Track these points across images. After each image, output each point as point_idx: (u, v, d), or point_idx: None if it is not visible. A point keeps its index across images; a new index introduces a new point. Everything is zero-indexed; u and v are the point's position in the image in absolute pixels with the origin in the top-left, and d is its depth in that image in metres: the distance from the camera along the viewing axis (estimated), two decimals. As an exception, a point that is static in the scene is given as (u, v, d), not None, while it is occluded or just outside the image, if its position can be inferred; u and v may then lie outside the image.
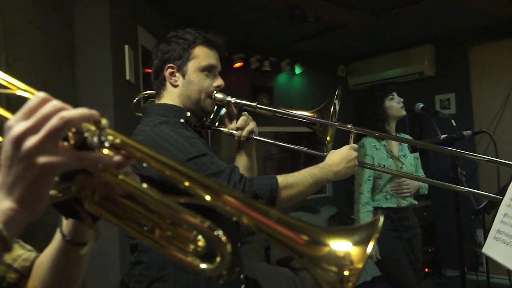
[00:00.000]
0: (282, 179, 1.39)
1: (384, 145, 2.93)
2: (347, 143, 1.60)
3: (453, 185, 1.65)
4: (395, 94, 2.94)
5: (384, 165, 2.84)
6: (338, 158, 1.53)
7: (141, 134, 1.42)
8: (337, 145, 1.64)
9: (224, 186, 0.56)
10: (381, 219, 0.52)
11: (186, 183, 0.54)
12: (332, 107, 1.61)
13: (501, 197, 1.35)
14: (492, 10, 4.35)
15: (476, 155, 1.64)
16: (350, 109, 5.16)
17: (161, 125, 1.42)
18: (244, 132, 1.60)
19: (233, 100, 1.60)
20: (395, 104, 2.91)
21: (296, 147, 1.66)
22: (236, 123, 1.60)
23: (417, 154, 3.03)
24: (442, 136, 1.90)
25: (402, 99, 2.91)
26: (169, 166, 0.56)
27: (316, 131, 1.67)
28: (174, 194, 0.55)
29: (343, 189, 5.52)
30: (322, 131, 1.65)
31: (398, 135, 3.00)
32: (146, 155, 0.56)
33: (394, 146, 2.96)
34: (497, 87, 5.07)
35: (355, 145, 1.58)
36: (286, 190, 1.37)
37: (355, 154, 1.54)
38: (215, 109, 1.61)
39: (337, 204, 5.67)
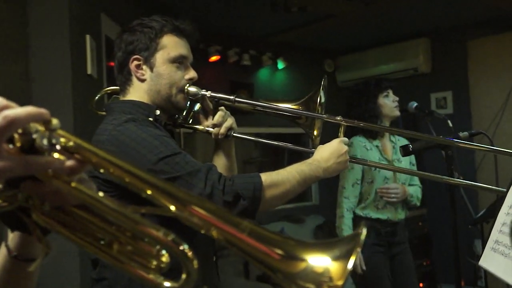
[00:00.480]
0: (266, 177, 1.38)
1: (377, 146, 2.94)
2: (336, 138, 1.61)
3: (449, 178, 1.68)
4: (390, 91, 2.96)
5: (374, 168, 2.85)
6: (327, 153, 1.52)
7: (104, 134, 1.39)
8: (325, 141, 1.64)
9: (192, 196, 0.55)
10: (364, 231, 0.53)
11: (149, 192, 0.54)
12: (318, 98, 1.60)
13: (505, 190, 1.35)
14: (496, 2, 4.39)
15: (469, 144, 1.64)
16: (339, 107, 5.29)
17: (127, 123, 1.39)
18: (222, 129, 1.57)
19: (208, 93, 1.58)
20: (389, 103, 2.93)
21: (280, 143, 1.64)
22: (212, 119, 1.58)
23: (413, 159, 3.04)
24: (441, 137, 1.91)
25: (397, 98, 2.94)
26: (129, 172, 0.55)
27: (301, 126, 1.66)
28: (149, 204, 0.55)
29: (330, 196, 5.47)
30: (309, 125, 1.65)
31: (391, 137, 3.01)
32: (103, 159, 0.55)
33: (388, 148, 2.98)
34: (498, 84, 5.10)
35: (346, 139, 1.57)
36: (271, 189, 1.36)
37: (346, 148, 1.54)
38: (188, 104, 1.58)
39: (324, 213, 5.69)
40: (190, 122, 1.60)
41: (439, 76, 5.57)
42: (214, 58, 5.06)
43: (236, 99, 1.60)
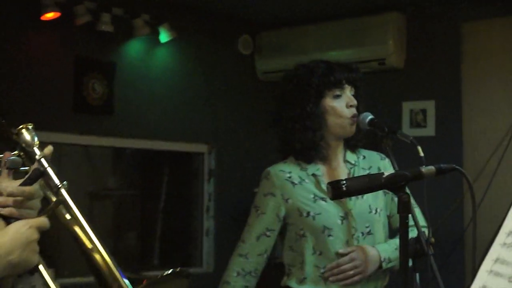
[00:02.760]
0: None
1: (314, 175, 3.06)
2: None
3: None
4: (347, 89, 3.05)
5: (309, 214, 2.96)
6: (7, 238, 1.65)
7: None
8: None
9: None
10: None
11: None
12: None
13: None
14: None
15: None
16: (259, 112, 5.13)
17: None
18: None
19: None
20: (341, 109, 3.02)
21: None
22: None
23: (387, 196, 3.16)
24: (386, 174, 2.00)
25: (355, 103, 3.04)
26: None
27: None
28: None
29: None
30: None
31: (348, 155, 3.15)
32: None
33: (340, 175, 3.09)
34: (507, 92, 5.24)
35: (44, 222, 1.72)
36: None
37: (37, 236, 1.68)
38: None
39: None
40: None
41: (417, 75, 5.65)
42: (50, 16, 4.97)
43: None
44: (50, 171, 1.80)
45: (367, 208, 3.02)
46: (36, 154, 1.81)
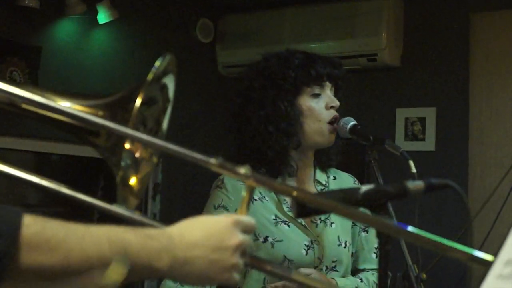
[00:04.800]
0: (35, 225, 1.49)
1: (277, 194, 3.14)
2: None
3: None
4: (327, 86, 3.12)
5: (266, 239, 3.04)
6: (198, 233, 1.63)
7: None
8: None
9: None
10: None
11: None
12: (138, 102, 1.72)
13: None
14: None
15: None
16: (219, 111, 5.07)
17: None
18: None
19: None
20: (319, 111, 3.09)
21: (77, 195, 1.75)
22: None
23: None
24: (364, 189, 2.03)
25: (338, 104, 3.10)
26: None
27: (99, 150, 1.82)
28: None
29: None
30: (111, 150, 1.79)
31: (318, 174, 3.24)
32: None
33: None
34: None
35: (247, 220, 1.68)
36: (34, 251, 1.48)
37: (239, 240, 1.63)
38: None
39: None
40: None
41: (415, 75, 5.74)
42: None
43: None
44: None
45: (335, 240, 3.08)
46: None
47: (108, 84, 5.66)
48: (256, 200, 3.07)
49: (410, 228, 1.78)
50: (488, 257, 1.72)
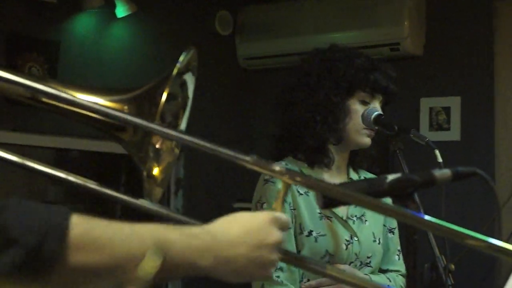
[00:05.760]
0: (82, 224, 1.52)
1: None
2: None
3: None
4: (378, 98, 3.17)
5: (311, 233, 3.04)
6: (238, 231, 1.65)
7: None
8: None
9: None
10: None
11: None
12: (166, 92, 1.75)
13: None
14: None
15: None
16: (241, 104, 5.01)
17: None
18: None
19: None
20: (361, 115, 3.11)
21: (103, 190, 1.79)
22: None
23: (391, 222, 3.28)
24: (390, 178, 2.01)
25: (381, 113, 3.13)
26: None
27: (124, 145, 1.84)
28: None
29: None
30: (139, 146, 1.81)
31: (351, 172, 3.29)
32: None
33: None
34: None
35: (284, 218, 1.69)
36: (82, 252, 1.51)
37: (278, 237, 1.65)
38: None
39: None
40: None
41: (439, 64, 5.72)
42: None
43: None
44: None
45: (371, 236, 3.14)
46: None
47: (127, 78, 5.68)
48: (301, 194, 3.10)
49: (427, 217, 1.79)
50: (507, 246, 1.77)
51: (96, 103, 1.78)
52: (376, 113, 3.01)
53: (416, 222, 1.90)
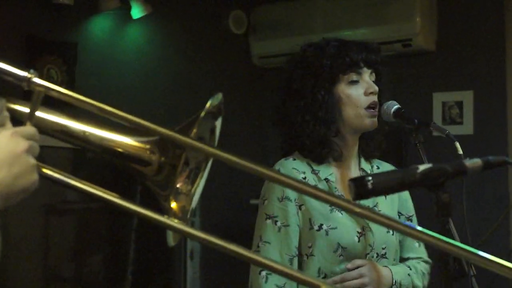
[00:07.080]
0: None
1: (326, 180, 3.13)
2: None
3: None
4: (365, 73, 3.12)
5: (321, 227, 3.02)
6: None
7: None
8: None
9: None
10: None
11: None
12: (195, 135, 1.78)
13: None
14: None
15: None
16: (255, 102, 5.29)
17: None
18: None
19: None
20: (357, 97, 3.09)
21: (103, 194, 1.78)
22: None
23: (408, 208, 3.29)
24: (421, 168, 2.00)
25: (376, 89, 3.10)
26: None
27: (149, 183, 1.84)
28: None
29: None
30: (163, 184, 1.80)
31: (363, 162, 3.26)
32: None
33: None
34: None
35: (24, 128, 1.72)
36: None
37: (26, 144, 1.67)
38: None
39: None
40: None
41: (451, 59, 5.69)
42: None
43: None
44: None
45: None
46: None
47: (142, 76, 5.74)
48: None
49: (419, 228, 1.75)
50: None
51: (121, 140, 1.80)
52: (395, 107, 2.98)
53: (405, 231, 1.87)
